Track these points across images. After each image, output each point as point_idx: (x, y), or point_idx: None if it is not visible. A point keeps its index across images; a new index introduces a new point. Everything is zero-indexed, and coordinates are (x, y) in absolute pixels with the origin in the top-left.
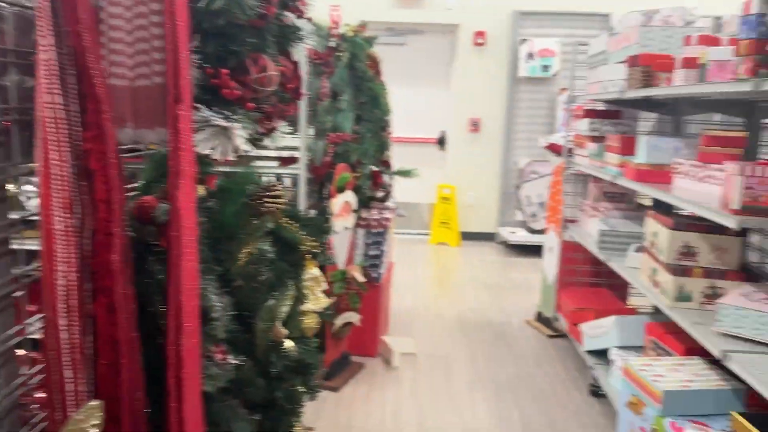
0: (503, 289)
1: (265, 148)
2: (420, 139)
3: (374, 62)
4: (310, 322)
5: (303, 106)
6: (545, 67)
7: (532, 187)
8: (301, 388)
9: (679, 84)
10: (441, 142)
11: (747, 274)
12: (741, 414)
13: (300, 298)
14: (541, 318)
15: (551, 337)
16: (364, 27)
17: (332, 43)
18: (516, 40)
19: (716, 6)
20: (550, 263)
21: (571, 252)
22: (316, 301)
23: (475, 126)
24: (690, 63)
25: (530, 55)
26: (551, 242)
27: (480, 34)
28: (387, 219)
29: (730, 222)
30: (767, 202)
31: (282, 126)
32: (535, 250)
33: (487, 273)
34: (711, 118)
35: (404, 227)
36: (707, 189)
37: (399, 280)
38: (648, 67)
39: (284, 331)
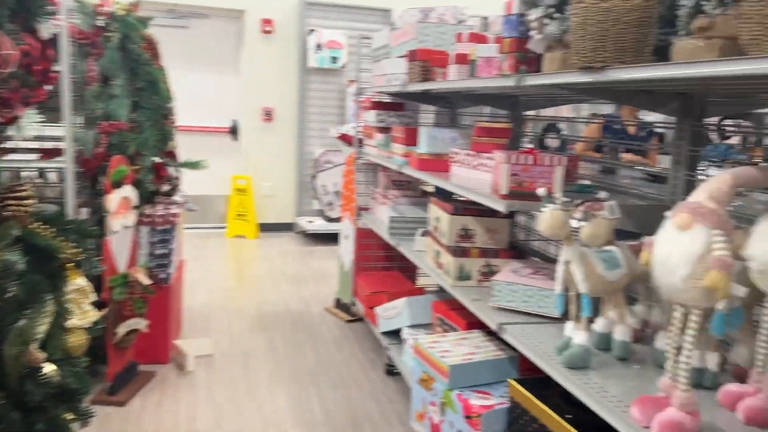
0: (303, 278)
1: (12, 138)
2: (211, 128)
3: (151, 44)
4: (77, 340)
5: (66, 90)
6: (334, 59)
7: (327, 177)
8: (68, 415)
9: (453, 79)
10: (233, 131)
11: (515, 251)
12: (516, 380)
13: (62, 314)
14: (339, 304)
15: (349, 322)
16: (137, 6)
17: (100, 22)
18: (304, 30)
19: (484, 6)
20: (346, 250)
21: (366, 238)
22: (83, 315)
23: (268, 115)
24: (462, 59)
25: (319, 46)
26: (347, 230)
27: (267, 21)
28: (174, 214)
29: (500, 206)
30: (530, 187)
31: (30, 113)
32: (332, 238)
33: (286, 264)
34: (482, 111)
35: (197, 221)
36: (480, 176)
37: (193, 278)
38: (426, 62)
39: (42, 354)
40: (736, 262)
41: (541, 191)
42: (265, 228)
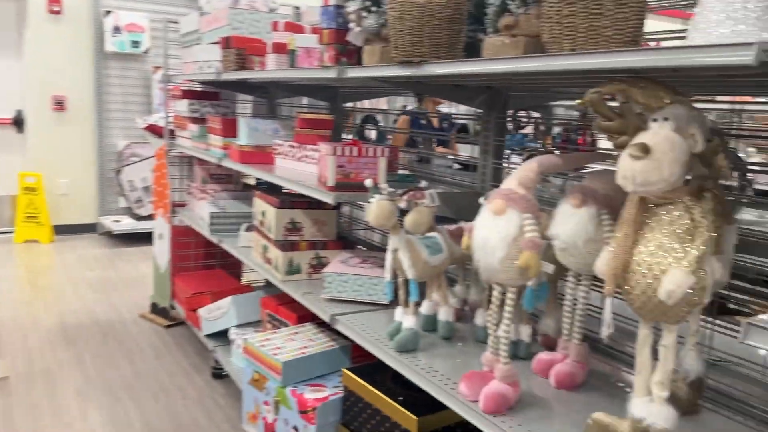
0: (111, 284)
1: None
2: None
3: None
4: None
5: None
6: (135, 43)
7: (134, 171)
8: None
9: (271, 68)
10: (18, 122)
11: (343, 242)
12: (349, 369)
13: None
14: (156, 309)
15: (169, 327)
16: None
17: None
18: (99, 11)
19: None
20: (161, 250)
21: (183, 236)
22: None
23: (59, 104)
24: (280, 48)
25: (117, 29)
26: (161, 228)
27: (55, 1)
28: None
29: (328, 198)
30: (356, 178)
31: None
32: (144, 238)
33: (90, 269)
34: (300, 101)
35: None
36: (305, 168)
37: None
38: (241, 50)
39: None
40: (544, 241)
41: (368, 182)
42: (63, 230)
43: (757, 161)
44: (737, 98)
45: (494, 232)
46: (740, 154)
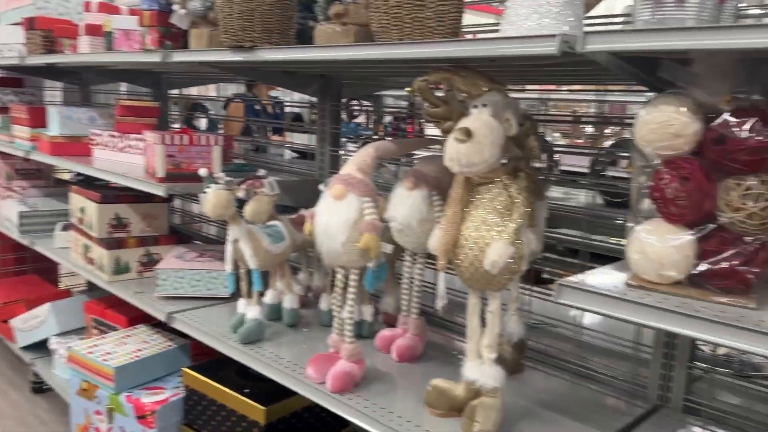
0: None
1: None
2: None
3: None
4: None
5: None
6: None
7: None
8: None
9: (85, 51)
10: None
11: (177, 236)
12: (189, 367)
13: None
14: None
15: None
16: None
17: None
18: None
19: None
20: None
21: None
22: None
23: None
24: (94, 30)
25: None
26: None
27: None
28: None
29: (159, 190)
30: (188, 168)
31: None
32: None
33: None
34: (118, 88)
35: None
36: (129, 159)
37: None
38: (49, 32)
39: None
40: (382, 224)
41: (202, 171)
42: None
43: (561, 144)
44: (544, 87)
45: (335, 217)
46: (547, 138)
